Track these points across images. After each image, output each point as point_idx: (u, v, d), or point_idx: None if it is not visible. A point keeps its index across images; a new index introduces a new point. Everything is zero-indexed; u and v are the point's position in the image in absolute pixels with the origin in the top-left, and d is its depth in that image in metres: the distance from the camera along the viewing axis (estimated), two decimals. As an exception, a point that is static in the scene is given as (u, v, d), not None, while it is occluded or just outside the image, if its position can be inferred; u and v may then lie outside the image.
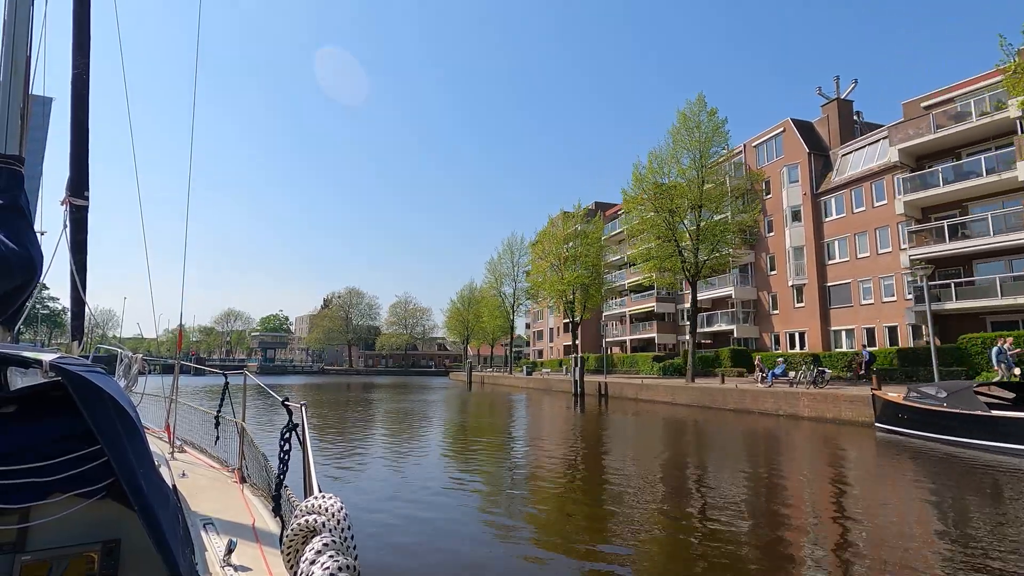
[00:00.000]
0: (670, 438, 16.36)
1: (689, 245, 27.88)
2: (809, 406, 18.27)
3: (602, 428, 18.74)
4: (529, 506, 8.69)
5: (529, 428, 19.26)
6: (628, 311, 49.76)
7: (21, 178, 2.70)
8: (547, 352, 68.49)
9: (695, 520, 7.86)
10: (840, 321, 31.32)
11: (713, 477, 10.97)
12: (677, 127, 28.89)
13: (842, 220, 31.58)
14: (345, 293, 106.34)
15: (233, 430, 4.79)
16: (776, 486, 10.05)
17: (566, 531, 7.45)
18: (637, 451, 14.06)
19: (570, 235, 41.19)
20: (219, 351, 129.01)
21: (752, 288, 37.43)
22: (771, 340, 35.82)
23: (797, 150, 34.13)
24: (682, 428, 18.26)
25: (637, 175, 28.99)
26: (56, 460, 1.72)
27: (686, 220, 28.02)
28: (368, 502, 8.74)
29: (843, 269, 31.30)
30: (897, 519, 7.84)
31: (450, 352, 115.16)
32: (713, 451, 14.10)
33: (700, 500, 9.06)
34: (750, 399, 20.90)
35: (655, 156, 28.76)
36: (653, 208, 28.18)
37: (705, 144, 27.87)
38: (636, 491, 9.49)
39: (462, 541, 6.93)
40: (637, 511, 8.31)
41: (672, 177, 28.56)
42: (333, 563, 1.28)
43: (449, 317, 78.59)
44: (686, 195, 27.45)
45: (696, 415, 21.26)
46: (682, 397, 25.15)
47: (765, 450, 14.04)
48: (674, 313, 46.52)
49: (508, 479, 10.93)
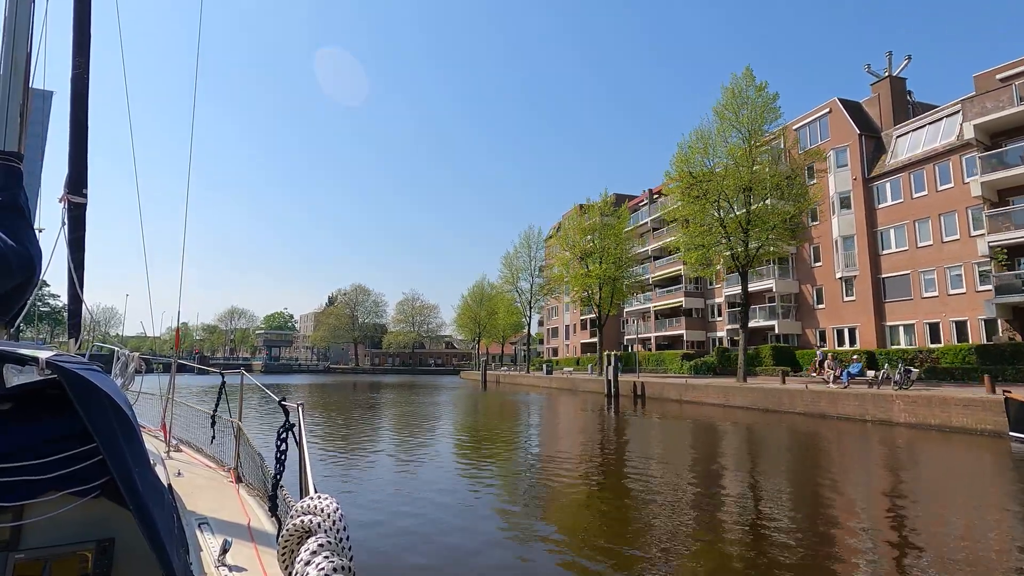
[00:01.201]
0: (746, 449, 14.00)
1: (737, 232, 25.40)
2: (906, 410, 15.83)
3: (654, 435, 16.39)
4: (591, 538, 6.34)
5: (568, 436, 16.92)
6: (653, 307, 47.33)
7: (20, 175, 2.66)
8: (562, 350, 66.08)
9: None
10: (898, 316, 28.83)
11: (826, 506, 8.58)
12: (722, 104, 26.43)
13: (899, 206, 29.07)
14: (351, 290, 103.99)
15: (229, 430, 4.72)
16: (923, 522, 7.64)
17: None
18: (710, 464, 11.70)
19: (594, 226, 38.71)
20: (223, 349, 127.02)
21: (794, 281, 34.95)
22: (816, 336, 33.35)
23: (846, 132, 31.62)
24: (754, 437, 15.89)
25: (681, 155, 26.52)
26: (51, 458, 1.69)
27: (735, 205, 25.55)
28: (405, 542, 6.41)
29: (901, 259, 28.81)
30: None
31: (458, 350, 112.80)
32: (808, 466, 11.72)
33: (819, 542, 6.68)
34: (826, 402, 18.47)
35: (700, 135, 26.30)
36: (700, 191, 25.69)
37: (755, 121, 25.40)
38: (738, 523, 7.12)
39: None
40: (748, 553, 5.93)
41: (719, 158, 26.08)
42: (328, 564, 1.28)
43: (460, 314, 76.17)
44: (734, 177, 24.96)
45: (759, 420, 18.87)
46: (737, 398, 22.73)
47: (879, 467, 11.64)
48: (703, 308, 44.05)
49: (552, 496, 8.60)
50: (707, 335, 43.57)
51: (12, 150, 2.66)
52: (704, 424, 18.62)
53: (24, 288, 2.45)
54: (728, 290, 39.08)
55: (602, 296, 38.14)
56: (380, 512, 8.04)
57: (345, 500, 8.68)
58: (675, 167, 26.67)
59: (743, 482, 10.12)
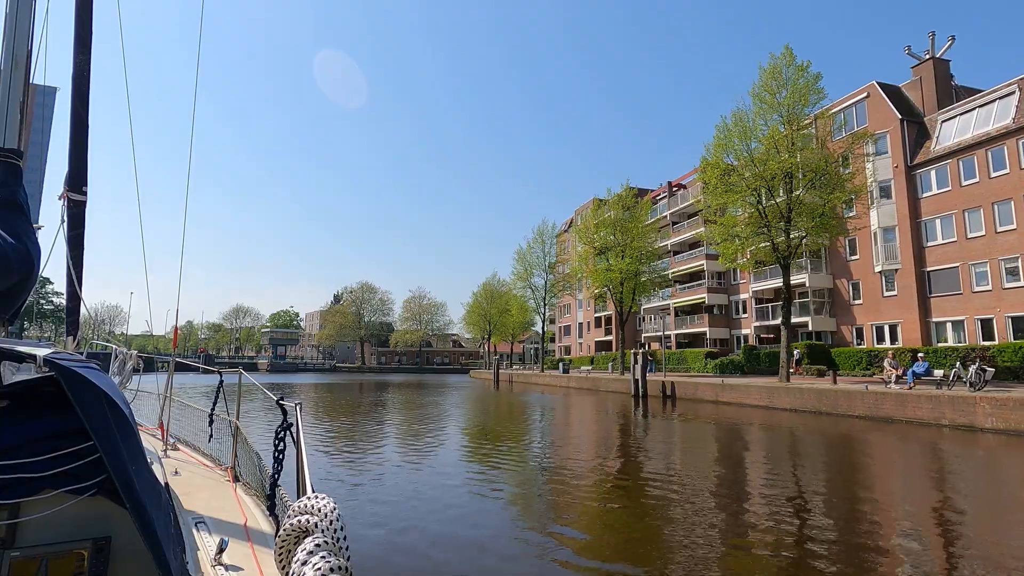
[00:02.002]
0: (813, 458, 12.43)
1: (778, 222, 23.73)
2: (993, 414, 14.18)
3: (696, 441, 14.81)
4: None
5: (596, 441, 15.36)
6: (673, 303, 45.65)
7: (20, 172, 2.63)
8: (575, 349, 64.48)
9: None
10: (945, 311, 27.11)
11: (949, 534, 6.96)
12: (760, 86, 24.76)
13: (946, 195, 27.34)
14: (357, 288, 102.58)
15: (227, 429, 4.70)
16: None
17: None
18: (774, 477, 10.11)
19: (615, 218, 37.01)
20: (228, 348, 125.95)
21: (827, 275, 33.23)
22: (852, 334, 31.65)
23: (886, 117, 29.87)
24: (816, 444, 14.31)
25: (719, 139, 24.85)
26: (48, 456, 1.69)
27: (775, 192, 23.89)
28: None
29: (948, 251, 27.09)
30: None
31: (465, 349, 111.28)
32: (904, 483, 10.10)
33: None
34: (892, 404, 16.82)
35: (738, 117, 24.63)
36: (738, 178, 24.02)
37: (797, 103, 23.71)
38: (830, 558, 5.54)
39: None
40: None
41: (758, 143, 24.42)
42: (325, 564, 1.28)
43: (469, 312, 74.61)
44: (776, 162, 23.29)
45: (812, 424, 17.26)
46: (783, 400, 21.11)
47: (994, 485, 10.02)
48: (727, 305, 42.36)
49: (580, 510, 7.11)
50: (731, 332, 41.88)
51: (12, 147, 2.63)
52: (751, 429, 17.01)
53: (23, 286, 2.43)
54: (756, 285, 37.38)
55: (624, 292, 36.49)
56: (388, 519, 7.56)
57: (351, 506, 8.15)
58: (712, 151, 24.99)
59: (823, 502, 8.53)
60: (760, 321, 36.99)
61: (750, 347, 35.90)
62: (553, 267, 53.73)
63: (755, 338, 38.52)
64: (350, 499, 8.56)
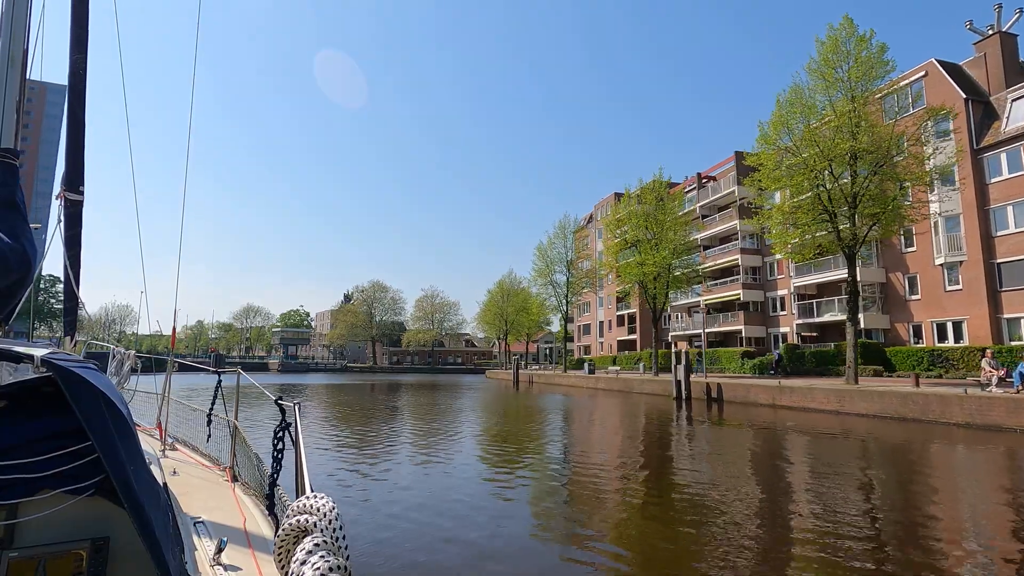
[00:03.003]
0: (949, 478, 10.34)
1: (843, 208, 21.57)
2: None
3: (767, 454, 12.77)
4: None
5: (641, 449, 13.36)
6: (703, 300, 43.44)
7: (16, 171, 2.61)
8: (595, 348, 62.42)
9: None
10: (1018, 307, 24.81)
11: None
12: (819, 61, 22.61)
13: (1018, 179, 25.05)
14: (368, 287, 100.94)
15: (226, 429, 4.67)
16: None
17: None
18: (900, 501, 8.07)
19: (647, 210, 34.88)
20: (238, 348, 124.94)
21: (879, 269, 30.96)
22: (909, 331, 29.38)
23: (947, 97, 27.52)
24: (941, 460, 12.21)
25: (777, 116, 22.71)
26: (46, 456, 1.68)
27: (840, 176, 21.73)
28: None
29: (1022, 241, 24.79)
30: None
31: (478, 348, 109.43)
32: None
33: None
34: (1002, 411, 14.66)
35: (797, 92, 22.49)
36: (799, 160, 21.88)
37: (864, 78, 21.55)
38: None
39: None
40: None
41: (819, 122, 22.27)
42: (324, 563, 1.28)
43: (484, 311, 72.71)
44: (841, 141, 21.14)
45: (902, 433, 15.16)
46: (857, 404, 18.96)
47: None
48: (763, 302, 40.13)
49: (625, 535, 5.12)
50: (767, 331, 39.63)
51: (8, 146, 2.60)
52: (829, 440, 14.92)
53: (20, 285, 2.41)
54: (798, 280, 35.16)
55: (657, 288, 34.38)
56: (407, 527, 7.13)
57: (378, 521, 7.47)
58: (770, 130, 22.84)
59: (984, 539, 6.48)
60: (803, 318, 34.74)
61: (792, 346, 33.69)
62: (572, 264, 51.70)
63: (796, 337, 36.30)
64: (370, 513, 7.72)
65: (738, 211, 41.04)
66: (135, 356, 5.11)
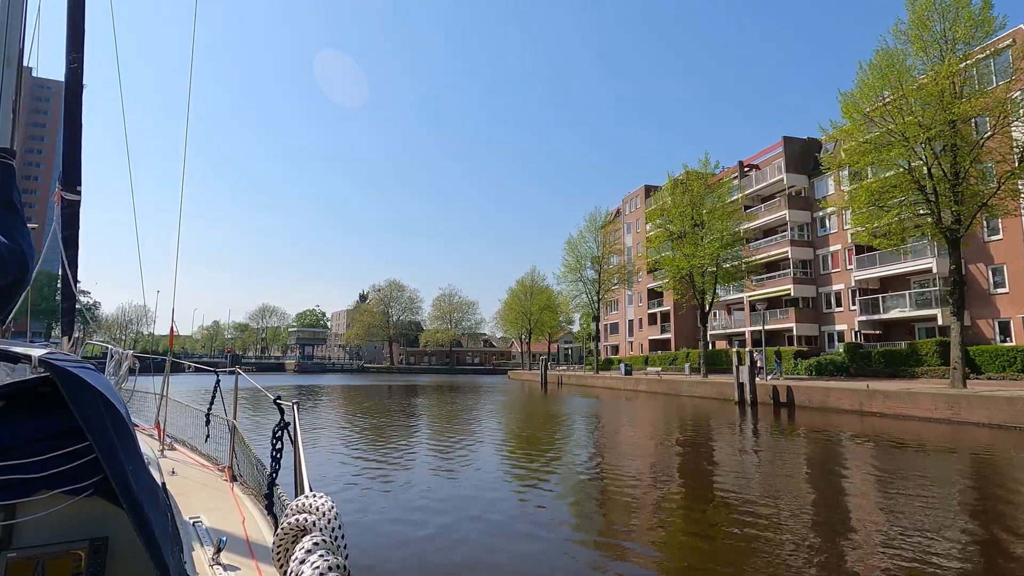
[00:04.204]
0: None
1: (946, 188, 18.82)
2: None
3: (885, 471, 10.18)
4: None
5: (739, 469, 10.83)
6: (748, 296, 40.66)
7: (12, 171, 2.57)
8: (624, 348, 59.75)
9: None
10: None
11: None
12: (910, 23, 19.88)
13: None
14: (385, 286, 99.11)
15: (225, 428, 4.67)
16: None
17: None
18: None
19: (693, 198, 32.20)
20: (254, 348, 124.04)
21: (957, 260, 27.97)
22: (994, 328, 26.42)
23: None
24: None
25: (865, 81, 20.00)
26: (44, 456, 1.65)
27: (940, 150, 19.00)
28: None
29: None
30: None
31: (496, 348, 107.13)
32: None
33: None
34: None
35: (886, 56, 19.76)
36: (892, 130, 19.17)
37: (967, 35, 18.79)
38: None
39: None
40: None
41: (912, 87, 19.53)
42: (323, 562, 1.27)
43: (506, 309, 70.34)
44: (940, 109, 18.41)
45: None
46: (977, 412, 16.22)
47: None
48: (815, 298, 37.24)
49: None
50: (820, 329, 36.74)
51: (4, 146, 2.55)
52: (978, 458, 12.26)
53: (18, 285, 2.40)
54: (860, 274, 32.28)
55: (705, 282, 31.72)
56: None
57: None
58: (859, 94, 20.10)
59: None
60: (866, 315, 31.81)
61: (854, 345, 30.81)
62: (600, 259, 49.01)
63: (855, 335, 33.41)
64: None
65: (787, 200, 38.19)
66: (133, 356, 5.10)
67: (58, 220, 3.73)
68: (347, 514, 7.41)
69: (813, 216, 37.91)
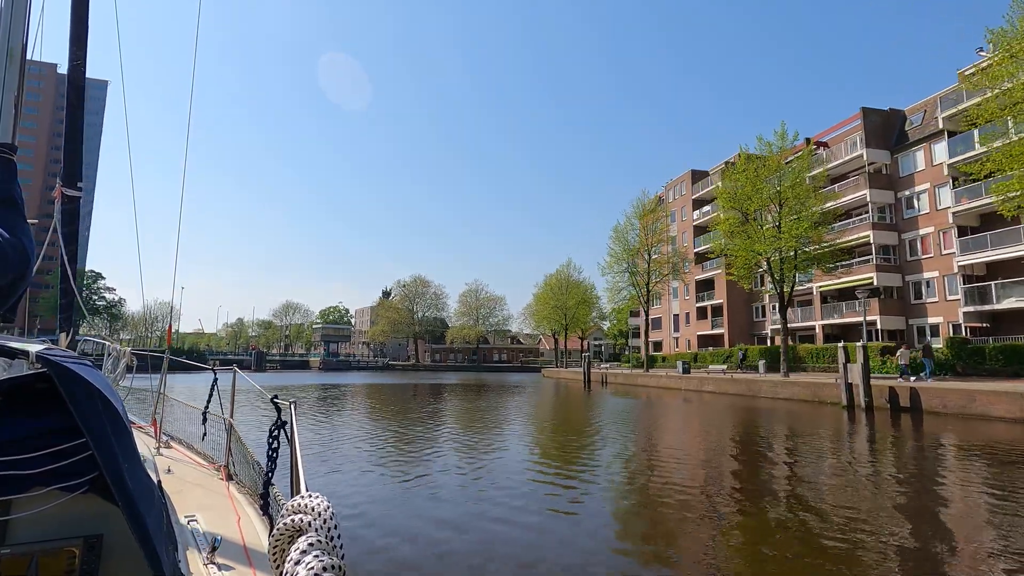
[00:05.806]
0: None
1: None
2: None
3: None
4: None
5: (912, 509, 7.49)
6: (817, 287, 36.80)
7: (14, 167, 2.54)
8: (668, 344, 56.15)
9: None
10: None
11: None
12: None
13: None
14: (410, 282, 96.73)
15: (221, 427, 4.58)
16: None
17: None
18: None
19: (776, 172, 28.59)
20: (278, 346, 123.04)
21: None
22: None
23: None
24: None
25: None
26: (39, 453, 1.64)
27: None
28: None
29: None
30: None
31: (524, 346, 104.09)
32: None
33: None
34: None
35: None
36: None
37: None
38: None
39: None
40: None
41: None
42: (318, 563, 1.25)
43: (538, 304, 67.13)
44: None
45: None
46: None
47: None
48: (901, 287, 33.26)
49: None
50: (907, 322, 32.76)
51: (6, 141, 2.50)
52: None
53: (20, 280, 2.33)
54: (963, 258, 28.29)
55: (784, 270, 28.11)
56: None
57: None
58: (1015, 36, 16.43)
59: None
60: (972, 306, 27.84)
61: (960, 340, 26.89)
62: (647, 248, 45.39)
63: (956, 328, 29.42)
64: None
65: (867, 179, 34.23)
66: (131, 353, 5.07)
67: (58, 216, 3.74)
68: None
69: (897, 196, 33.89)
